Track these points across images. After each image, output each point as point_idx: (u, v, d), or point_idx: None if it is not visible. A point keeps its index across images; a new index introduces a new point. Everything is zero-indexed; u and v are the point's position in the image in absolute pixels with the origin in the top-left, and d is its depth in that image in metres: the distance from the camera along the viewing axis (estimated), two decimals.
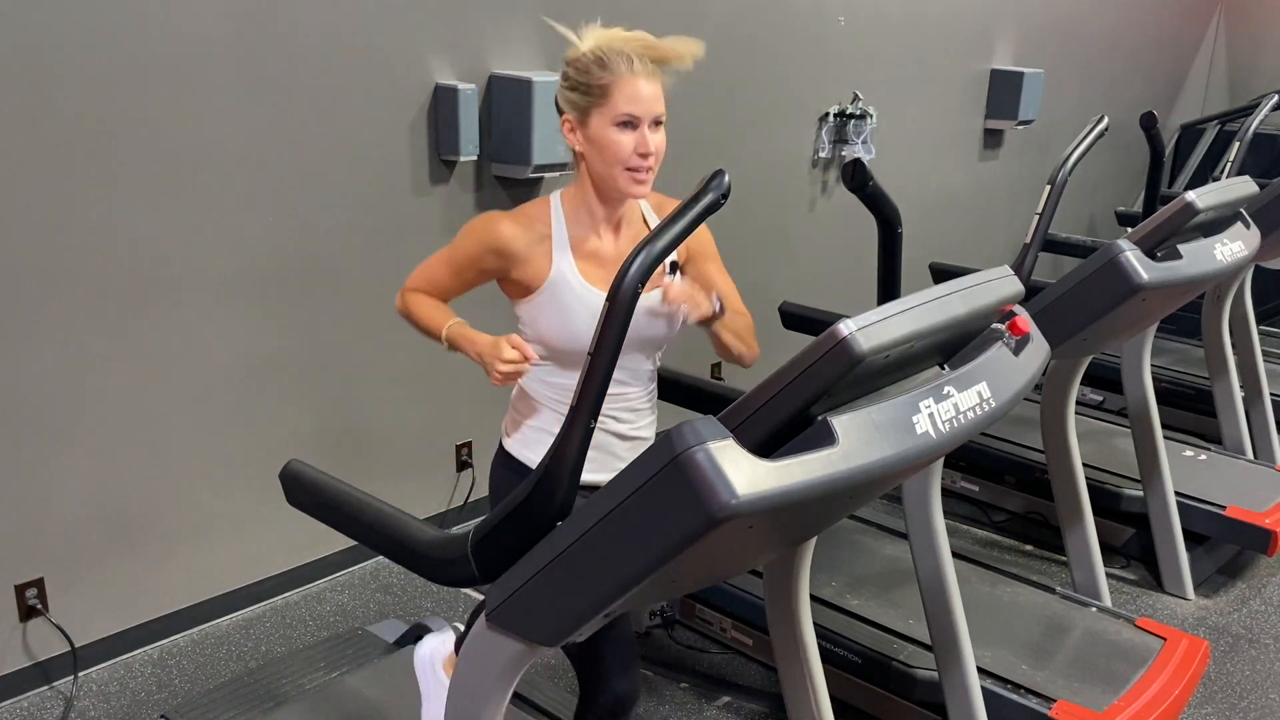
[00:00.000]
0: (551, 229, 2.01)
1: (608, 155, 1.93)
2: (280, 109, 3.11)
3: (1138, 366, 3.59)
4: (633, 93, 1.91)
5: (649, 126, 1.93)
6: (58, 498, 2.92)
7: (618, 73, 1.91)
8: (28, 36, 2.62)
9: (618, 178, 1.95)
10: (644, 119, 1.92)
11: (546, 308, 2.00)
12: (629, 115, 1.91)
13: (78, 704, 2.96)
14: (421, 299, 2.14)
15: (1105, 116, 2.86)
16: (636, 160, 1.93)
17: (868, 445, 1.43)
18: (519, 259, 1.99)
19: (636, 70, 1.92)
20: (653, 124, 1.94)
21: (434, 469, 3.85)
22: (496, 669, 1.69)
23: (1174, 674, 2.84)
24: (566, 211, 2.03)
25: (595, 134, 1.94)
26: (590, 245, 2.02)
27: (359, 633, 3.03)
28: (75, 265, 2.81)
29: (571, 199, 2.04)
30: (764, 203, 4.72)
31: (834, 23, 4.79)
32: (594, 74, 1.92)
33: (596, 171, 1.98)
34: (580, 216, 2.03)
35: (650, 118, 1.93)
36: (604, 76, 1.91)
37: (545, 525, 1.57)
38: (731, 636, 3.18)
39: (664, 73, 1.97)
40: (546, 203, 2.05)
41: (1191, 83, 7.78)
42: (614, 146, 1.92)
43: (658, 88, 1.94)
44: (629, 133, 1.92)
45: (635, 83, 1.91)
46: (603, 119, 1.92)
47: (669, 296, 1.91)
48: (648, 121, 1.93)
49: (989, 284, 1.72)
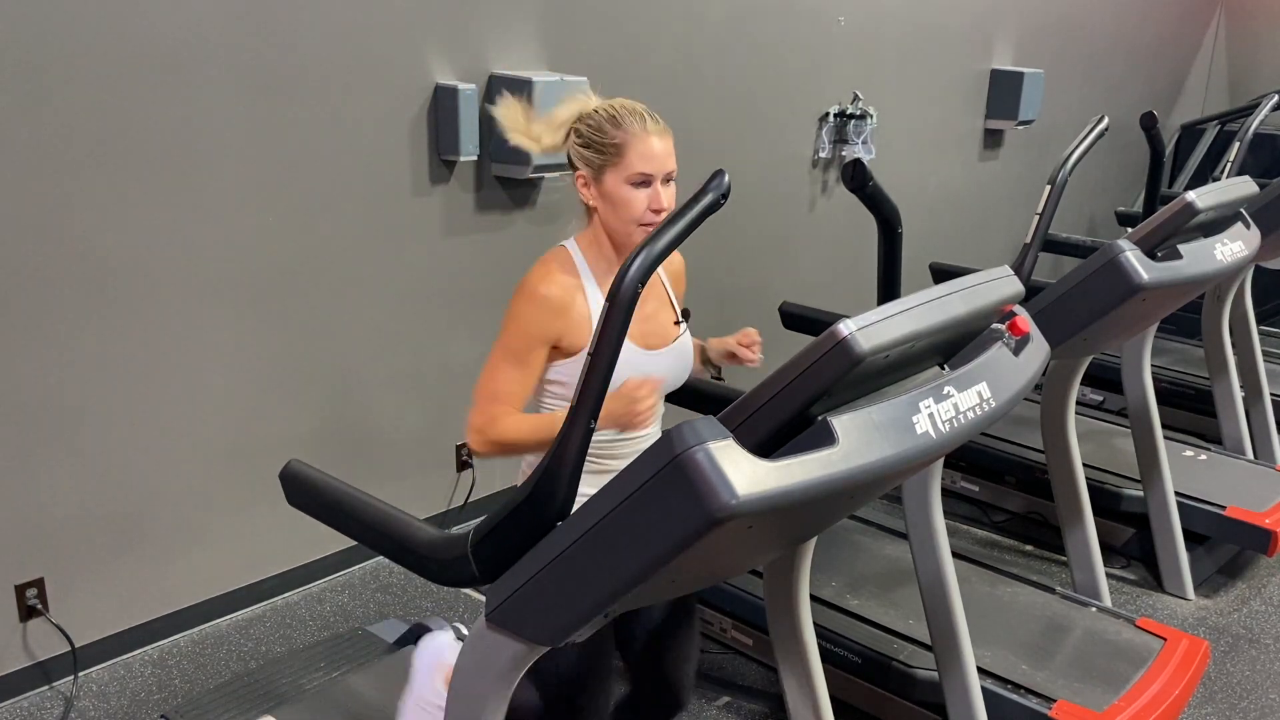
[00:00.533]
0: (581, 280, 2.01)
1: (623, 212, 1.96)
2: (280, 109, 3.11)
3: (1138, 366, 3.59)
4: (647, 151, 1.93)
5: (661, 182, 1.96)
6: (58, 498, 2.92)
7: (632, 131, 1.94)
8: (27, 36, 2.62)
9: (633, 233, 1.97)
10: (657, 175, 1.95)
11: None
12: (643, 174, 1.94)
13: (78, 704, 2.96)
14: (509, 420, 1.95)
15: (1105, 116, 2.86)
16: (650, 216, 1.95)
17: (868, 445, 1.43)
18: (570, 314, 1.97)
19: (650, 129, 1.95)
20: (665, 179, 1.96)
21: (434, 469, 3.85)
22: (496, 669, 1.69)
23: (1174, 674, 2.84)
24: (588, 261, 2.03)
25: (610, 191, 1.96)
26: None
27: (359, 633, 3.02)
28: (75, 265, 2.81)
29: (588, 246, 2.05)
30: (764, 203, 4.72)
31: (834, 23, 4.79)
32: (608, 132, 1.95)
33: (611, 226, 2.00)
34: (600, 263, 2.03)
35: (663, 174, 1.96)
36: (618, 135, 1.94)
37: (545, 525, 1.57)
38: (731, 636, 3.18)
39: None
40: (565, 251, 2.04)
41: (1191, 83, 7.78)
42: (629, 205, 1.95)
43: (669, 145, 1.97)
44: (643, 189, 1.95)
45: (649, 141, 1.94)
46: (617, 177, 1.94)
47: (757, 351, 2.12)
48: (660, 178, 1.95)
49: (989, 284, 1.72)
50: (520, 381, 1.97)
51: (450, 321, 3.67)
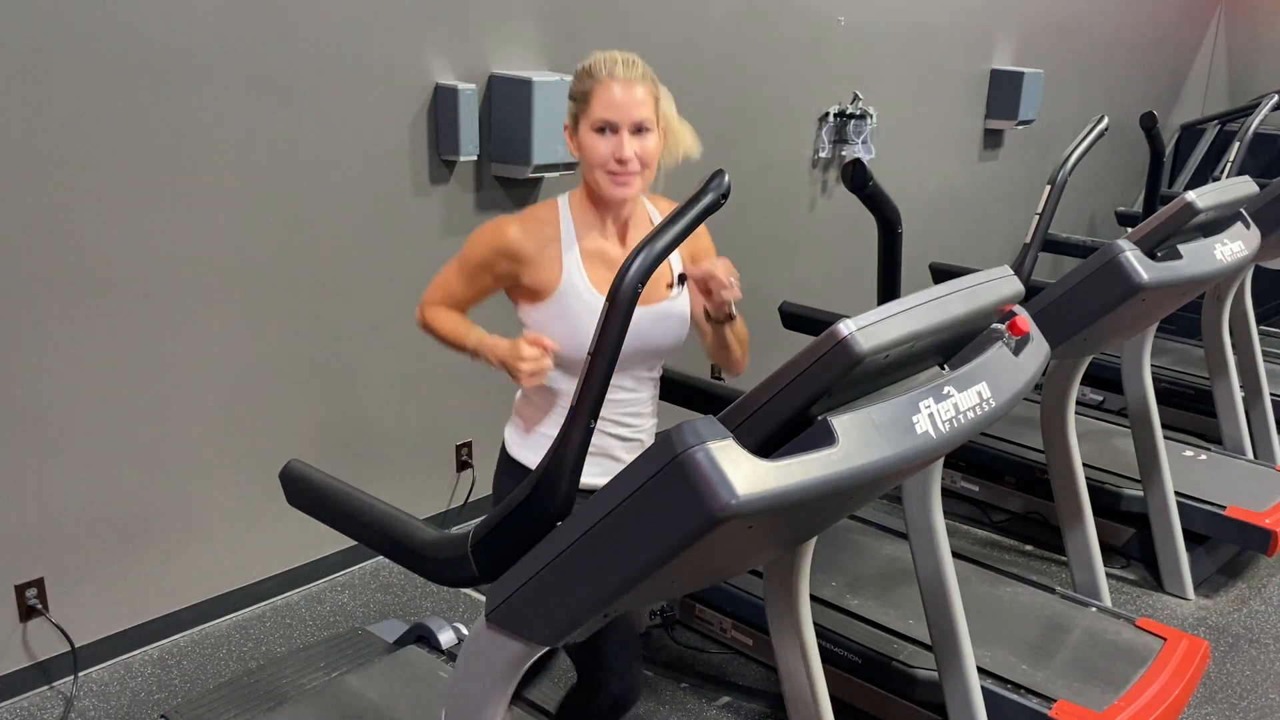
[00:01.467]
0: (560, 230, 2.03)
1: (587, 158, 1.99)
2: (280, 109, 3.11)
3: (1138, 366, 3.59)
4: (608, 98, 1.94)
5: (629, 131, 1.95)
6: (58, 498, 2.92)
7: (598, 78, 1.96)
8: (26, 36, 2.62)
9: (599, 180, 1.98)
10: (622, 124, 1.94)
11: (555, 316, 2.01)
12: (604, 120, 1.95)
13: (78, 704, 2.96)
14: (441, 313, 2.13)
15: (1105, 116, 2.86)
16: (614, 165, 1.96)
17: (868, 445, 1.43)
18: (529, 261, 2.00)
19: (616, 75, 1.95)
20: (634, 129, 1.95)
21: (434, 469, 3.84)
22: (496, 669, 1.69)
23: (1174, 674, 2.84)
24: (574, 214, 2.05)
25: (581, 138, 1.99)
26: (598, 246, 2.04)
27: (359, 633, 3.03)
28: (74, 265, 2.81)
29: (578, 201, 2.06)
30: (764, 203, 4.72)
31: (834, 23, 4.79)
32: (582, 81, 1.98)
33: (585, 177, 2.02)
34: (587, 218, 2.05)
35: (629, 123, 1.95)
36: (587, 83, 1.97)
37: (545, 525, 1.57)
38: (731, 636, 3.19)
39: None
40: (554, 205, 2.07)
41: (1191, 83, 7.78)
42: (591, 150, 1.97)
43: (638, 92, 1.95)
44: (607, 137, 1.95)
45: (611, 87, 1.94)
46: (586, 124, 1.97)
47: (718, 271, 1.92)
48: (626, 126, 1.95)
49: (989, 284, 1.72)
50: (460, 290, 2.10)
51: None
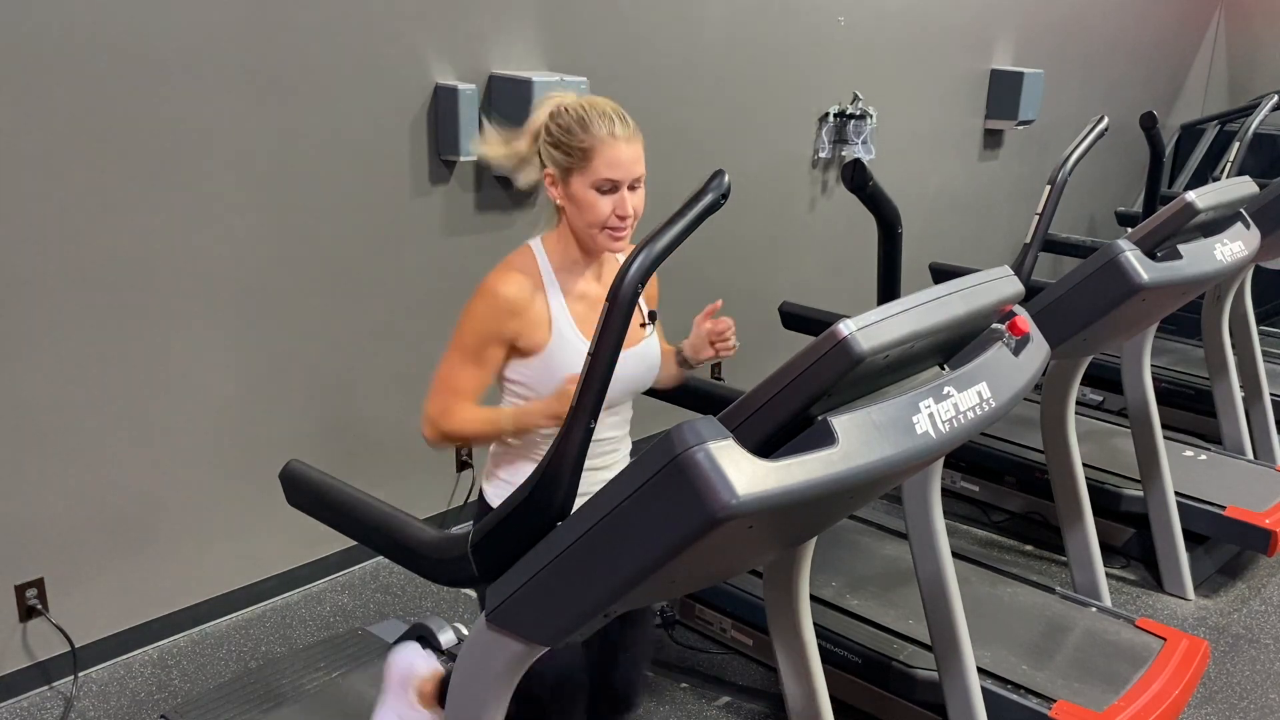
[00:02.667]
0: (543, 280, 2.00)
1: (587, 216, 1.95)
2: (280, 109, 3.11)
3: (1138, 366, 3.59)
4: (614, 158, 1.91)
5: (628, 188, 1.94)
6: (58, 498, 2.92)
7: (599, 135, 1.91)
8: (25, 37, 2.62)
9: (595, 237, 1.96)
10: (623, 182, 1.93)
11: (547, 369, 1.99)
12: (609, 180, 1.92)
13: (78, 704, 2.96)
14: (460, 413, 1.99)
15: (1105, 116, 2.86)
16: (615, 221, 1.94)
17: (868, 445, 1.43)
18: (528, 315, 1.97)
19: (618, 134, 1.92)
20: (631, 185, 1.95)
21: (434, 469, 3.84)
22: (496, 669, 1.69)
23: (1174, 674, 2.84)
24: (552, 257, 2.03)
25: (575, 194, 1.94)
26: (580, 290, 2.02)
27: (359, 633, 3.02)
28: (74, 265, 2.81)
29: (554, 244, 2.04)
30: (764, 203, 4.72)
31: (834, 23, 4.79)
32: (576, 135, 1.92)
33: (575, 227, 1.99)
34: (565, 263, 2.03)
35: (629, 180, 1.94)
36: (585, 139, 1.91)
37: (545, 525, 1.57)
38: (731, 636, 3.19)
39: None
40: (529, 252, 2.04)
41: (1191, 83, 7.77)
42: (593, 209, 1.93)
43: (638, 150, 1.95)
44: (608, 196, 1.93)
45: (617, 147, 1.91)
46: (583, 180, 1.93)
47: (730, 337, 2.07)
48: (627, 184, 1.94)
49: (989, 284, 1.72)
50: (474, 377, 2.00)
51: (450, 321, 3.62)
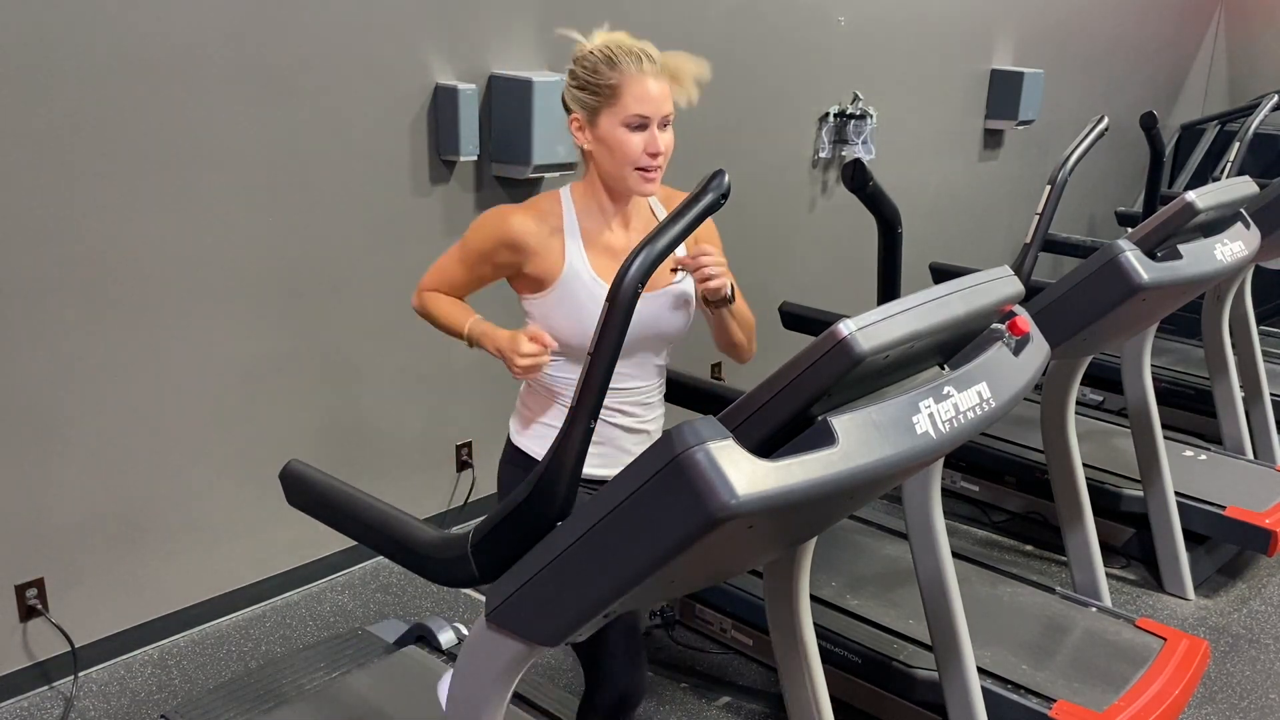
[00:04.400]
0: (563, 222, 2.01)
1: (618, 155, 1.94)
2: (280, 109, 3.11)
3: (1138, 366, 3.59)
4: (642, 93, 1.91)
5: (658, 126, 1.94)
6: (58, 498, 2.92)
7: (627, 72, 1.91)
8: (25, 37, 2.62)
9: (628, 177, 1.96)
10: (653, 118, 1.93)
11: (560, 303, 2.00)
12: (639, 116, 1.92)
13: (78, 704, 2.96)
14: (439, 298, 2.13)
15: (1105, 116, 2.86)
16: (646, 160, 1.94)
17: (868, 445, 1.43)
18: (532, 252, 1.99)
19: (646, 70, 1.92)
20: (661, 123, 1.95)
21: (434, 469, 3.84)
22: (496, 669, 1.69)
23: (1174, 674, 2.84)
24: (577, 205, 2.03)
25: (605, 134, 1.94)
26: (602, 238, 2.03)
27: (359, 633, 3.02)
28: (74, 265, 2.81)
29: (581, 193, 2.05)
30: (764, 203, 4.72)
31: (834, 23, 4.79)
32: (603, 73, 1.92)
33: (606, 170, 1.98)
34: (591, 210, 2.03)
35: (659, 117, 1.94)
36: (613, 76, 1.92)
37: (545, 525, 1.57)
38: (731, 636, 3.19)
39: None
40: (556, 196, 2.05)
41: (1191, 83, 7.77)
42: (624, 147, 1.93)
43: (666, 87, 1.95)
44: (639, 133, 1.93)
45: (645, 82, 1.92)
46: (612, 119, 1.93)
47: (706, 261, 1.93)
48: (657, 121, 1.94)
49: (989, 284, 1.72)
50: (460, 278, 2.09)
51: None
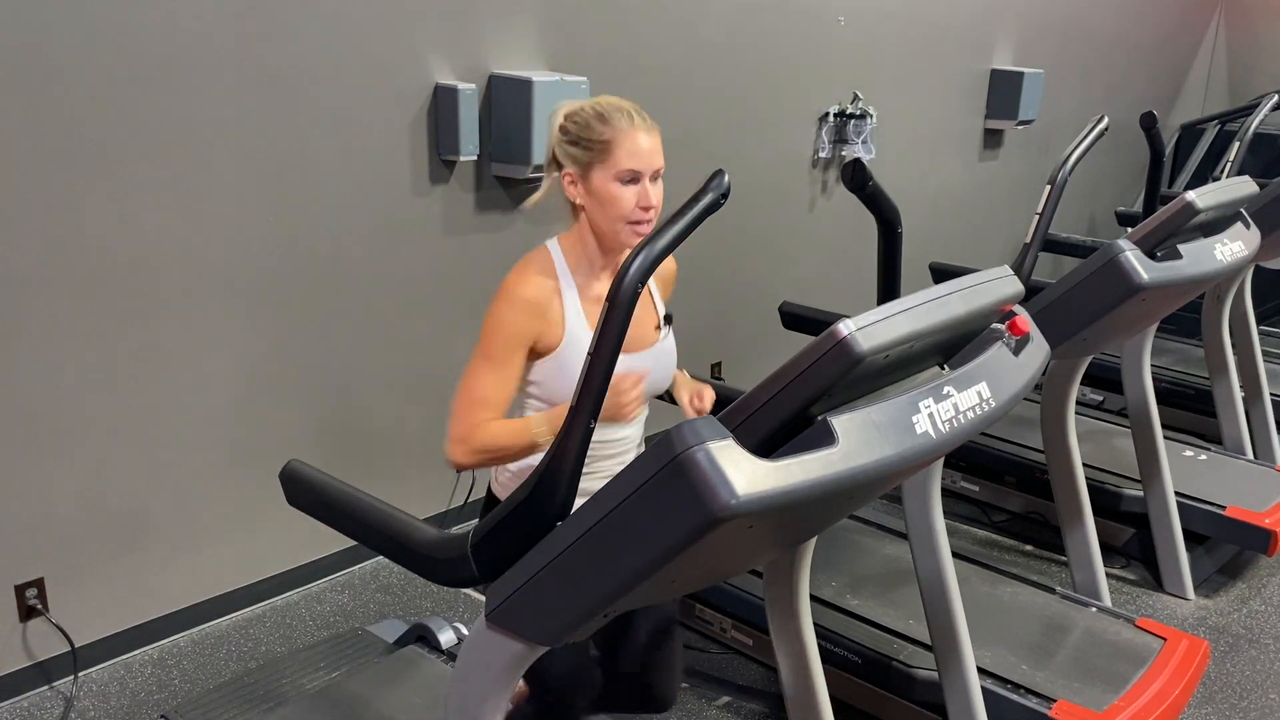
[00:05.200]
0: (559, 280, 2.02)
1: (610, 210, 1.96)
2: (279, 109, 3.11)
3: (1138, 366, 3.59)
4: (634, 148, 1.93)
5: (649, 179, 1.96)
6: (58, 498, 2.92)
7: (619, 127, 1.94)
8: (25, 37, 2.62)
9: (620, 231, 1.98)
10: (645, 173, 1.95)
11: (562, 369, 2.00)
12: (631, 170, 1.94)
13: (78, 704, 2.96)
14: (493, 426, 1.95)
15: (1105, 116, 2.86)
16: (639, 214, 1.96)
17: (868, 445, 1.43)
18: (548, 316, 1.98)
19: (637, 125, 1.95)
20: (653, 176, 1.97)
21: (434, 469, 3.82)
22: (496, 669, 1.69)
23: (1174, 674, 2.84)
24: (568, 259, 2.04)
25: (597, 189, 1.96)
26: (595, 291, 2.04)
27: (359, 633, 3.03)
28: (74, 265, 2.81)
29: (570, 246, 2.05)
30: (764, 203, 4.72)
31: (834, 23, 4.79)
32: (595, 129, 1.95)
33: (598, 224, 2.00)
34: (581, 265, 2.05)
35: (650, 171, 1.96)
36: (605, 132, 1.94)
37: (545, 525, 1.57)
38: (731, 636, 3.19)
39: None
40: (546, 253, 2.05)
41: (1191, 83, 7.78)
42: (617, 202, 1.95)
43: (657, 141, 1.97)
44: (631, 187, 1.95)
45: (636, 137, 1.94)
46: (605, 174, 1.95)
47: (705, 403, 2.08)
48: (648, 175, 1.95)
49: (989, 284, 1.72)
50: (502, 386, 1.96)
51: (450, 321, 3.67)
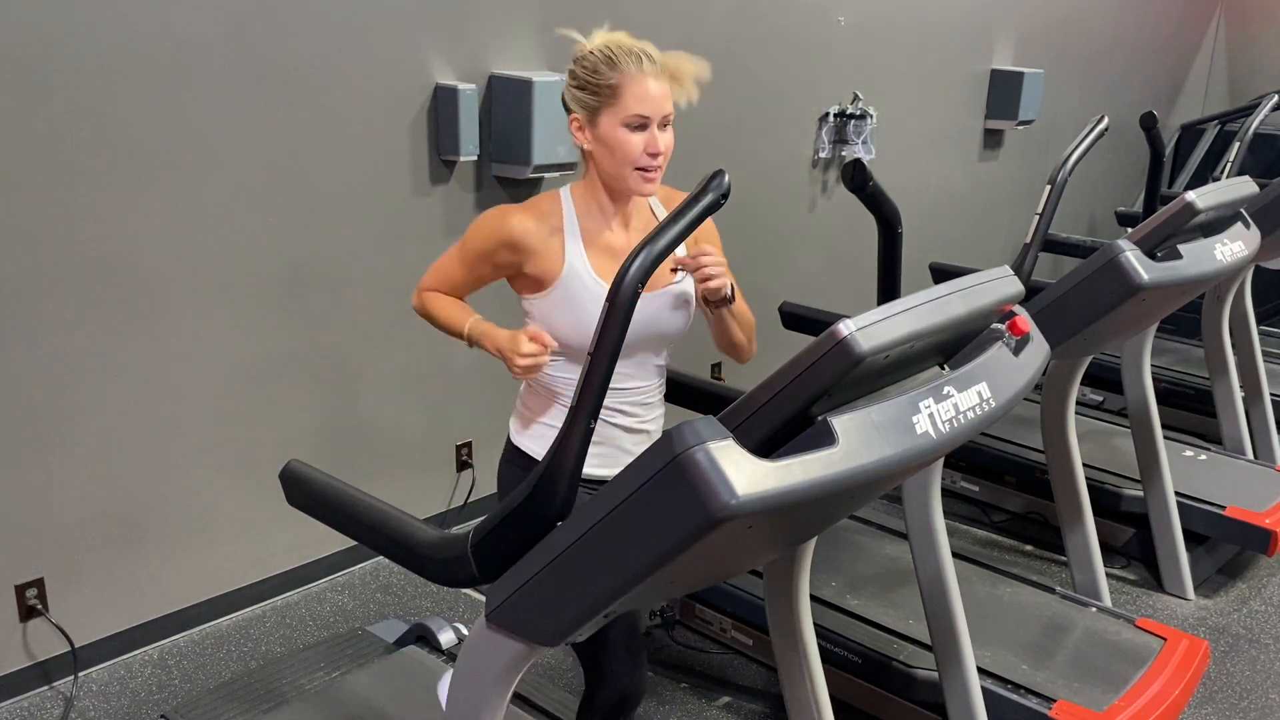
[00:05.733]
0: (563, 222, 2.02)
1: (618, 155, 1.94)
2: (280, 109, 3.11)
3: (1138, 366, 3.59)
4: (642, 93, 1.92)
5: (658, 126, 1.95)
6: (58, 498, 2.92)
7: (628, 72, 1.92)
8: (25, 37, 2.62)
9: (628, 177, 1.96)
10: (654, 118, 1.94)
11: (560, 303, 2.00)
12: (639, 116, 1.92)
13: (78, 704, 2.96)
14: (439, 298, 2.13)
15: (1105, 116, 2.86)
16: (646, 160, 1.94)
17: (868, 445, 1.43)
18: (532, 252, 1.99)
19: (646, 70, 1.93)
20: (661, 123, 1.95)
21: (434, 469, 3.84)
22: (496, 669, 1.69)
23: (1174, 674, 2.84)
24: (577, 205, 2.04)
25: (605, 134, 1.95)
26: (602, 238, 2.03)
27: (359, 633, 3.02)
28: (74, 265, 2.81)
29: (581, 193, 2.05)
30: (764, 203, 4.72)
31: (834, 23, 4.79)
32: (603, 73, 1.93)
33: (606, 170, 1.98)
34: (591, 210, 2.04)
35: (659, 117, 1.94)
36: (614, 76, 1.92)
37: (545, 525, 1.57)
38: (731, 636, 3.19)
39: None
40: (556, 196, 2.05)
41: (1191, 83, 7.77)
42: (624, 147, 1.93)
43: (666, 87, 1.95)
44: (639, 133, 1.93)
45: (645, 82, 1.92)
46: (612, 119, 1.93)
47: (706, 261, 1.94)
48: (657, 121, 1.94)
49: (989, 284, 1.72)
50: (460, 277, 2.10)
51: None
